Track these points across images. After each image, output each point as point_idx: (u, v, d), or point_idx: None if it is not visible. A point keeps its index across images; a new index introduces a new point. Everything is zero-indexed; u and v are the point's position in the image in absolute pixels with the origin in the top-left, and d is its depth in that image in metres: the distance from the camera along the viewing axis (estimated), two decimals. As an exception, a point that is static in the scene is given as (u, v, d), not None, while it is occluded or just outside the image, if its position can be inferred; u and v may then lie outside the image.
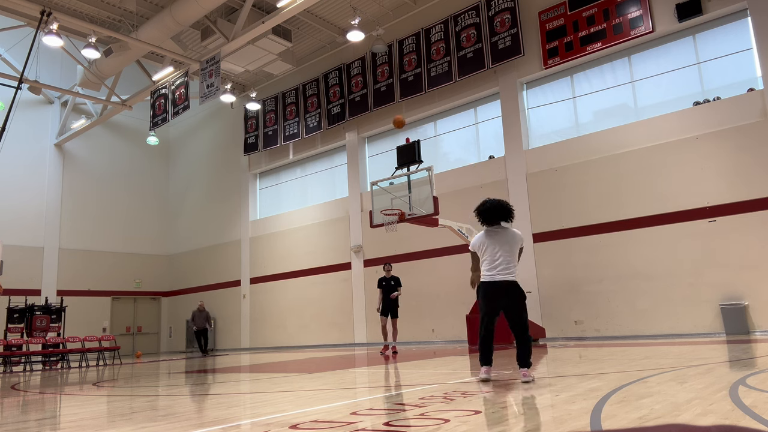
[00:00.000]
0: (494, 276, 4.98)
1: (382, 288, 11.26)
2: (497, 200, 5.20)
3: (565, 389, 4.18)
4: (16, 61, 18.05)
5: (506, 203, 5.19)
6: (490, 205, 5.14)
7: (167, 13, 14.84)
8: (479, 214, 5.21)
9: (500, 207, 5.12)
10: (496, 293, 4.97)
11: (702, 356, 6.28)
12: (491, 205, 5.14)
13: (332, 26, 17.90)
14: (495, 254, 5.03)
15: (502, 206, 5.13)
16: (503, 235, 5.10)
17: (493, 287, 4.99)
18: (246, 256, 21.18)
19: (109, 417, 4.37)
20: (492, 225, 5.16)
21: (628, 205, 12.42)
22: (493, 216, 5.12)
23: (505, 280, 4.95)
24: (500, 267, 4.98)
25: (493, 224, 5.15)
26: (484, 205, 5.19)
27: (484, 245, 5.13)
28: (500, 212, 5.12)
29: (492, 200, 5.21)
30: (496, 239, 5.08)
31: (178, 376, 9.12)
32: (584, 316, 12.75)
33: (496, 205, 5.13)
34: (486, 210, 5.14)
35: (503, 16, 14.54)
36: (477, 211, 5.23)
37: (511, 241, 5.09)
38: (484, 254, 5.12)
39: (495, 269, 5.00)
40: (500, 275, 4.96)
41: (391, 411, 3.72)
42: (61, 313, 15.40)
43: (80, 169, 22.25)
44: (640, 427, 2.66)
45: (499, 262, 4.99)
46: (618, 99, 13.32)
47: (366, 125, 17.90)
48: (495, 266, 5.00)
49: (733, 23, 11.91)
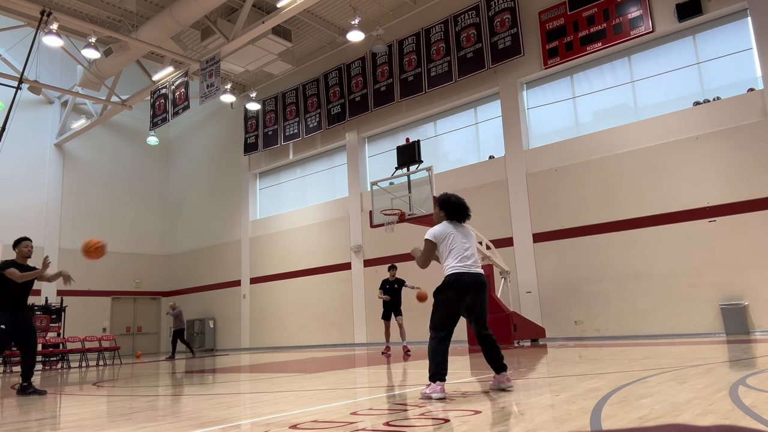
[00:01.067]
0: (470, 268, 4.56)
1: (384, 290, 11.01)
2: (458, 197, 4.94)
3: (565, 389, 4.18)
4: (16, 61, 18.05)
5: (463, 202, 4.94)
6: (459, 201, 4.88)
7: (167, 13, 14.84)
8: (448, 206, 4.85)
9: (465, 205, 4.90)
10: (471, 286, 4.50)
11: (702, 356, 6.28)
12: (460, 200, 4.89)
13: (332, 26, 17.90)
14: (465, 246, 4.66)
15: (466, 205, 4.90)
16: (467, 230, 4.86)
17: (470, 278, 4.51)
18: (246, 256, 21.18)
19: (109, 417, 4.37)
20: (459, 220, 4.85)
21: (628, 205, 12.42)
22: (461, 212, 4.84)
23: (478, 273, 4.59)
24: (473, 259, 4.63)
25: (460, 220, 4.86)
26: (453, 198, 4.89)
27: (450, 236, 4.68)
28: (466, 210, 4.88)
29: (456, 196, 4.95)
30: (463, 232, 4.78)
31: (178, 376, 9.12)
32: (584, 316, 12.75)
33: (463, 203, 4.90)
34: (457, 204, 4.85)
35: (503, 16, 14.54)
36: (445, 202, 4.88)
37: (473, 237, 4.84)
38: (452, 245, 4.65)
39: (468, 260, 4.60)
40: (475, 267, 4.60)
41: (391, 411, 3.72)
42: (61, 313, 15.39)
43: (80, 169, 22.25)
44: (640, 427, 2.65)
45: (470, 254, 4.64)
46: (618, 99, 13.32)
47: (366, 125, 17.90)
48: (467, 257, 4.61)
49: (733, 23, 11.91)
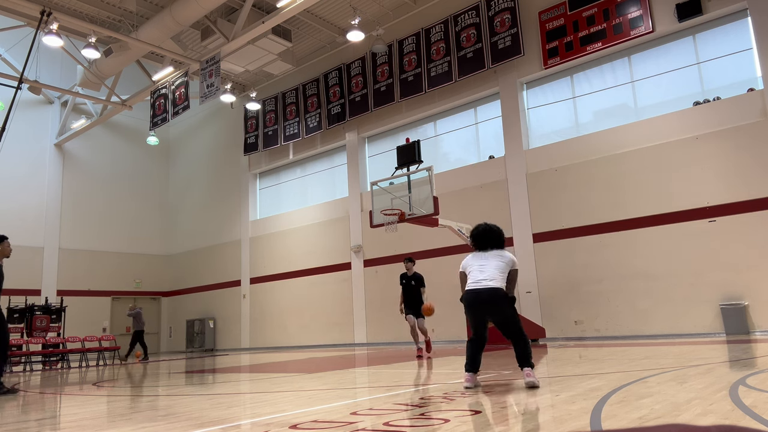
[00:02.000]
0: (477, 285, 4.78)
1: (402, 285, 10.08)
2: (487, 225, 5.07)
3: (565, 389, 4.18)
4: (16, 61, 18.06)
5: (496, 228, 5.05)
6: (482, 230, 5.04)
7: (167, 13, 14.84)
8: (471, 238, 5.12)
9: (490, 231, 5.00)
10: (476, 301, 4.74)
11: (702, 356, 6.28)
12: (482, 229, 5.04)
13: (332, 26, 17.90)
14: (481, 268, 4.85)
15: (492, 231, 5.01)
16: (493, 254, 4.95)
17: (472, 295, 4.76)
18: (246, 256, 21.18)
19: (109, 417, 4.37)
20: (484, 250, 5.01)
21: (628, 205, 12.42)
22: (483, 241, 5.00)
23: (485, 288, 4.71)
24: (483, 277, 4.79)
25: (486, 249, 5.00)
26: (476, 229, 5.09)
27: (469, 267, 4.97)
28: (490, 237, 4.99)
29: (483, 225, 5.10)
30: (485, 257, 4.94)
31: (178, 376, 9.12)
32: (584, 316, 12.75)
33: (486, 230, 5.02)
34: (476, 234, 5.04)
35: (503, 16, 14.54)
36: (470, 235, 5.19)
37: (501, 260, 4.89)
38: (471, 272, 4.92)
39: (477, 280, 4.81)
40: (481, 284, 4.75)
41: (391, 411, 3.72)
42: (61, 313, 15.40)
43: (80, 169, 22.25)
44: (640, 427, 2.66)
45: (483, 276, 4.79)
46: (618, 99, 13.32)
47: (366, 125, 17.90)
48: (477, 278, 4.82)
49: (733, 23, 11.91)
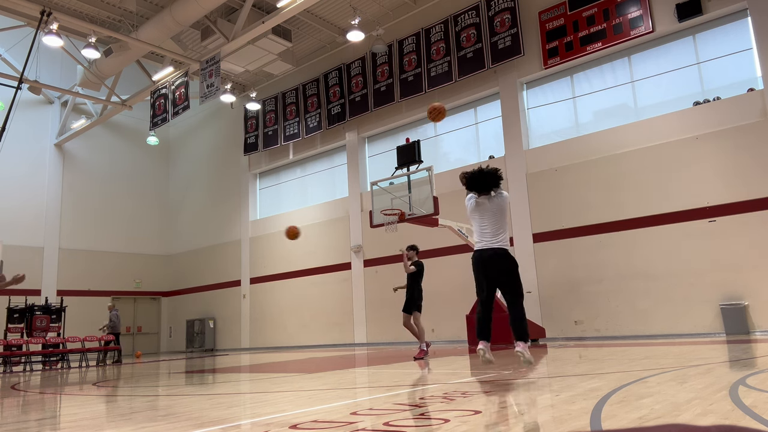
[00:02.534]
0: (484, 245, 5.13)
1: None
2: (483, 168, 5.18)
3: (565, 389, 4.18)
4: (16, 61, 18.05)
5: (492, 169, 5.14)
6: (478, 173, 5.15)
7: (167, 13, 14.85)
8: (467, 182, 5.21)
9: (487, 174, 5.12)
10: (487, 263, 5.08)
11: (702, 356, 6.28)
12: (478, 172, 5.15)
13: (332, 26, 17.90)
14: (483, 224, 5.16)
15: (488, 173, 5.12)
16: (491, 202, 5.15)
17: (482, 256, 5.11)
18: (246, 256, 21.18)
19: (109, 417, 4.37)
20: (481, 193, 5.19)
21: (628, 205, 12.42)
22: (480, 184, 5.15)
23: (495, 248, 5.06)
24: (489, 235, 5.11)
25: (482, 192, 5.18)
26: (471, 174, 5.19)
27: (473, 213, 5.26)
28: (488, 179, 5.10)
29: (479, 167, 5.21)
30: (484, 208, 5.17)
31: (178, 376, 9.12)
32: (584, 316, 12.75)
33: (482, 173, 5.13)
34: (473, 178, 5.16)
35: (503, 16, 14.54)
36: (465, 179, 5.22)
37: (500, 208, 5.15)
38: (473, 224, 5.29)
39: (485, 237, 5.14)
40: (490, 244, 5.09)
41: (391, 411, 3.72)
42: (61, 313, 15.40)
43: (80, 169, 22.26)
44: (640, 427, 2.65)
45: (486, 232, 5.13)
46: (618, 99, 13.32)
47: (366, 125, 17.90)
48: (484, 236, 5.14)
49: (733, 23, 11.91)
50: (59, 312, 15.42)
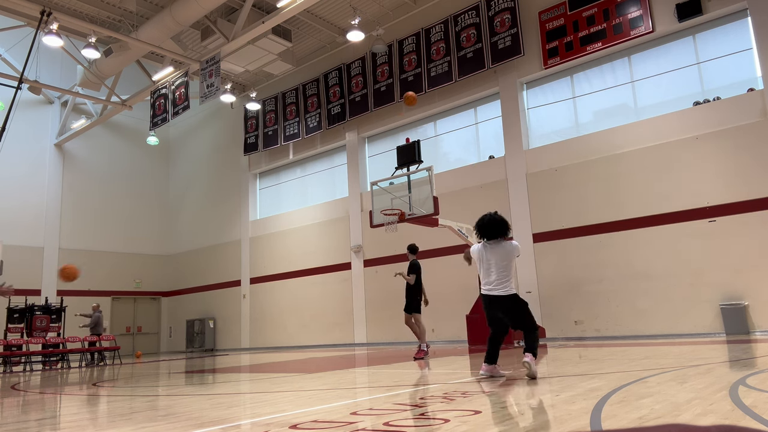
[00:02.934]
0: (491, 291, 5.36)
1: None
2: (493, 215, 5.45)
3: (565, 389, 4.17)
4: (16, 61, 18.05)
5: (501, 218, 5.44)
6: (488, 221, 5.41)
7: (167, 13, 14.84)
8: (477, 229, 5.50)
9: (496, 222, 5.39)
10: (493, 305, 5.35)
11: (702, 356, 6.28)
12: (488, 220, 5.41)
13: (332, 26, 17.90)
14: (489, 269, 5.39)
15: (497, 221, 5.40)
16: (499, 249, 5.40)
17: (489, 300, 5.38)
18: (246, 256, 21.18)
19: (109, 417, 4.37)
20: (489, 239, 5.44)
21: (628, 205, 12.42)
22: (489, 231, 5.41)
23: (501, 295, 5.29)
24: (495, 282, 5.34)
25: (491, 239, 5.43)
26: (482, 221, 5.47)
27: (481, 258, 5.49)
28: (496, 227, 5.38)
29: (489, 215, 5.47)
30: (492, 253, 5.41)
31: (178, 376, 9.12)
32: (584, 316, 12.75)
33: (491, 221, 5.40)
34: (483, 225, 5.44)
35: (503, 16, 14.54)
36: (476, 226, 5.54)
37: (507, 255, 5.38)
38: (481, 267, 5.50)
39: (490, 284, 5.37)
40: (496, 290, 5.32)
41: (391, 411, 3.72)
42: (61, 312, 15.41)
43: (80, 169, 22.26)
44: (640, 427, 2.65)
45: (494, 278, 5.35)
46: (618, 99, 13.32)
47: (366, 125, 17.90)
48: (490, 281, 5.38)
49: (733, 23, 11.91)
50: (59, 312, 15.42)
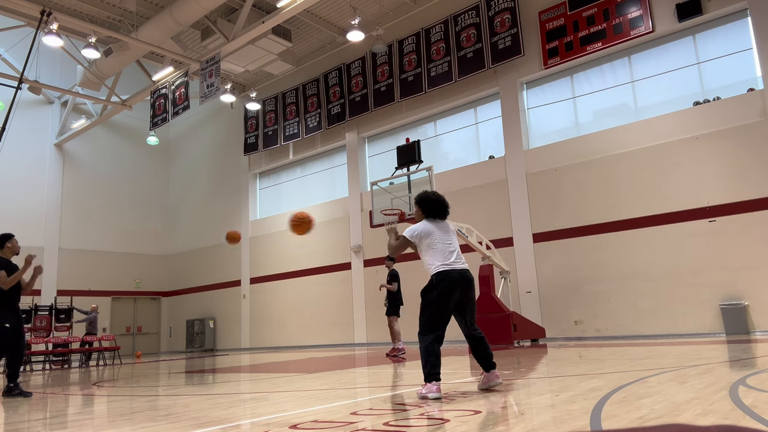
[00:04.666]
0: (455, 264, 4.56)
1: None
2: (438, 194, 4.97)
3: (565, 389, 4.18)
4: (16, 61, 18.05)
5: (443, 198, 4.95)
6: (437, 198, 4.90)
7: (167, 13, 14.85)
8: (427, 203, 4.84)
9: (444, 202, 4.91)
10: (458, 282, 4.48)
11: (702, 356, 6.28)
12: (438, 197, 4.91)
13: (332, 26, 17.90)
14: (448, 243, 4.67)
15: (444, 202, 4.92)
16: (448, 226, 4.87)
17: (458, 274, 4.50)
18: (246, 256, 21.18)
19: (109, 417, 4.37)
20: (436, 218, 4.85)
21: (628, 205, 12.42)
22: (439, 209, 4.84)
23: (467, 269, 4.60)
24: (456, 255, 4.63)
25: (437, 218, 4.85)
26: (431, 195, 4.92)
27: (431, 235, 4.68)
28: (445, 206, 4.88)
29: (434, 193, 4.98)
30: (444, 229, 4.77)
31: (178, 376, 9.12)
32: (584, 316, 12.75)
33: (441, 198, 4.91)
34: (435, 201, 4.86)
35: (503, 16, 14.54)
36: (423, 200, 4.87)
37: (454, 233, 4.83)
38: (434, 244, 4.65)
39: (452, 257, 4.60)
40: (460, 264, 4.59)
41: (391, 411, 3.72)
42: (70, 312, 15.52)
43: (80, 169, 22.26)
44: (640, 427, 2.65)
45: (453, 249, 4.65)
46: (618, 99, 13.32)
47: (366, 125, 17.90)
48: (451, 254, 4.62)
49: (733, 23, 11.91)
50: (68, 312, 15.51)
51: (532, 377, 5.37)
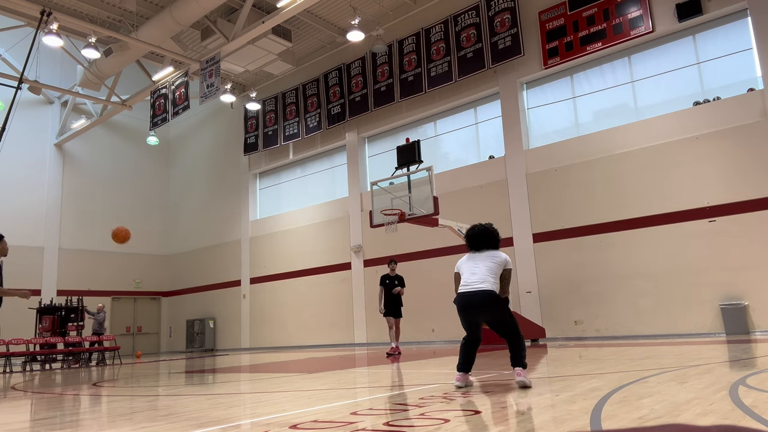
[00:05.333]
0: (466, 288, 4.77)
1: (384, 286, 10.64)
2: (482, 226, 5.06)
3: (565, 389, 4.17)
4: (16, 61, 18.05)
5: (491, 228, 5.03)
6: (478, 231, 5.02)
7: (167, 13, 14.85)
8: (466, 238, 5.13)
9: (484, 232, 4.98)
10: (469, 305, 4.73)
11: (702, 356, 6.28)
12: (478, 230, 5.02)
13: (332, 26, 17.90)
14: (473, 270, 4.83)
15: (486, 231, 4.99)
16: (485, 255, 4.91)
17: (464, 298, 4.75)
18: (246, 256, 21.18)
19: (109, 417, 4.37)
20: (478, 250, 4.98)
21: (628, 205, 12.42)
22: (476, 241, 4.97)
23: (476, 291, 4.68)
24: (473, 280, 4.76)
25: (480, 249, 4.97)
26: (471, 230, 5.08)
27: (462, 266, 4.97)
28: (484, 237, 4.97)
29: (478, 226, 5.08)
30: (478, 258, 4.91)
31: (178, 376, 9.12)
32: (584, 316, 12.75)
33: (480, 231, 5.00)
34: (471, 235, 5.03)
35: (503, 16, 14.54)
36: (465, 235, 5.21)
37: (493, 260, 4.85)
38: (463, 274, 4.91)
39: (468, 283, 4.79)
40: (472, 287, 4.72)
41: (391, 411, 3.72)
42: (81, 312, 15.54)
43: (80, 169, 22.26)
44: (640, 427, 2.65)
45: (475, 278, 4.77)
46: (618, 99, 13.32)
47: (366, 125, 17.90)
48: (468, 281, 4.81)
49: (733, 23, 11.91)
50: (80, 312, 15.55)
51: (532, 377, 5.37)
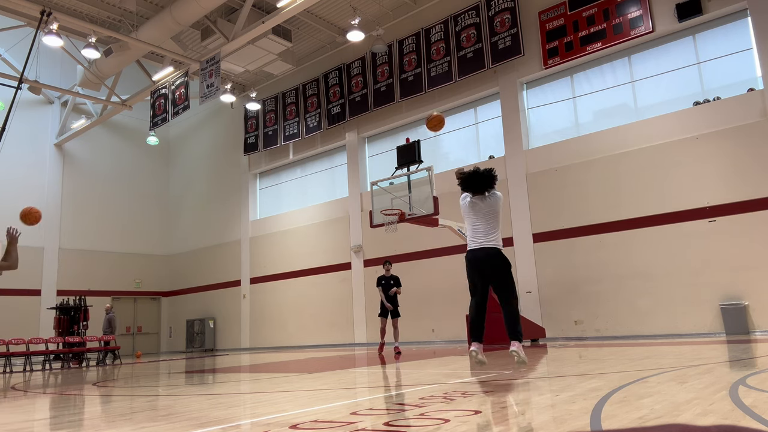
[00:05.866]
0: (473, 244, 5.28)
1: (381, 287, 10.84)
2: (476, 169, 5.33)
3: (565, 389, 4.17)
4: (16, 61, 18.04)
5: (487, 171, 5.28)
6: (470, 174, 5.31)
7: (167, 13, 14.84)
8: (460, 183, 5.40)
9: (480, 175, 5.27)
10: (478, 262, 5.21)
11: (702, 356, 6.28)
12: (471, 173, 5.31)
13: (332, 26, 17.90)
14: (475, 224, 5.30)
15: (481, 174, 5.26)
16: (483, 204, 5.30)
17: (474, 255, 5.25)
18: (246, 256, 21.18)
19: (109, 417, 4.37)
20: (475, 194, 5.34)
21: (628, 205, 12.42)
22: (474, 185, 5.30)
23: (484, 247, 5.20)
24: (480, 235, 5.24)
25: (476, 193, 5.33)
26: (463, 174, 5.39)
27: (467, 214, 5.40)
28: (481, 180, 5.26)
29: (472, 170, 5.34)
30: (478, 208, 5.30)
31: (178, 376, 9.12)
32: (584, 316, 12.75)
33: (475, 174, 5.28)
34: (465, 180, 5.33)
35: (503, 16, 14.54)
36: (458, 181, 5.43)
37: (491, 210, 5.28)
38: (466, 224, 5.44)
39: (475, 238, 5.28)
40: (482, 243, 5.21)
41: (391, 411, 3.72)
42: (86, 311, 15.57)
43: (80, 169, 22.25)
44: (640, 427, 2.65)
45: (479, 231, 5.26)
46: (618, 99, 13.32)
47: (366, 125, 17.90)
48: (475, 235, 5.28)
49: (733, 23, 11.91)
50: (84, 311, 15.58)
51: (532, 377, 5.37)
